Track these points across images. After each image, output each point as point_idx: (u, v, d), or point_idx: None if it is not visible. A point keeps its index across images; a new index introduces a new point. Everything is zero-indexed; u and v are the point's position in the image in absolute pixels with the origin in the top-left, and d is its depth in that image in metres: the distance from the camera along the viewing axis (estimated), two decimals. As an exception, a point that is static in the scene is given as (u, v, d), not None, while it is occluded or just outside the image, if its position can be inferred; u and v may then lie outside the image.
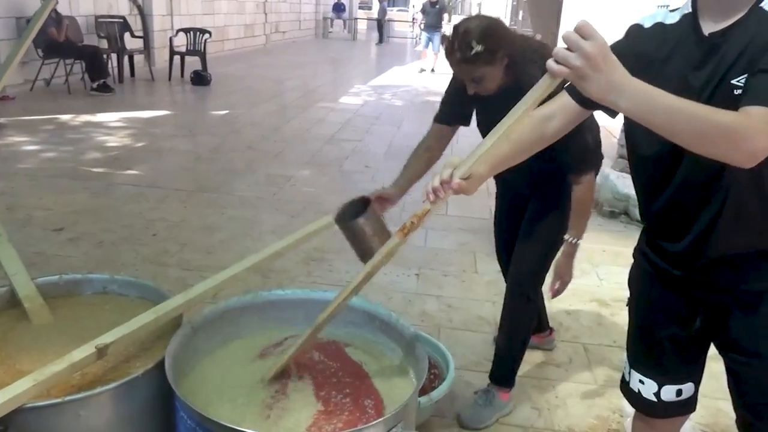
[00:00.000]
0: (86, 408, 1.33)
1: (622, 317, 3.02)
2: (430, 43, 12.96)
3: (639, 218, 5.41)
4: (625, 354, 1.52)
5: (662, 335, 1.39)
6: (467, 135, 2.29)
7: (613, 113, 1.22)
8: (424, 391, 1.89)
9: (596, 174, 2.09)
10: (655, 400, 1.43)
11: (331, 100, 9.23)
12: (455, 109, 2.14)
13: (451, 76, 2.11)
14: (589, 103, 1.24)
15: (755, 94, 1.01)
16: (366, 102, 9.28)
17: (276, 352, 1.64)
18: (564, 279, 2.09)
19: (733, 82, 1.07)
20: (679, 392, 1.42)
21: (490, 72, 1.86)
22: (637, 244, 1.43)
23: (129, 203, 4.29)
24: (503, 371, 2.30)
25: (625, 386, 1.50)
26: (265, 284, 3.10)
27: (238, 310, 1.69)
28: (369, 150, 6.28)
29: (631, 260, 1.47)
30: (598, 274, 3.51)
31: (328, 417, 1.40)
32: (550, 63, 0.99)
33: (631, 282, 1.47)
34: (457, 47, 1.82)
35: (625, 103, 0.99)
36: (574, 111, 1.28)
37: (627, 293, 1.48)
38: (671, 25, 1.20)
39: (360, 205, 1.78)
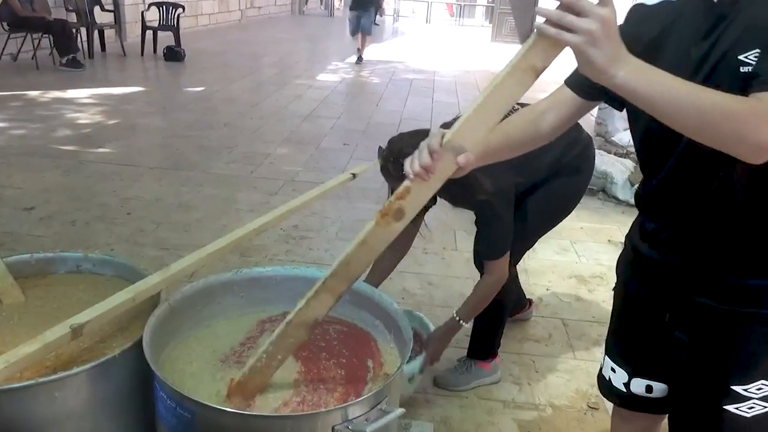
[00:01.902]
0: (62, 389, 1.29)
1: (600, 293, 3.06)
2: (360, 24, 10.11)
3: (616, 195, 5.37)
4: (602, 330, 1.49)
5: (636, 324, 1.34)
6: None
7: (620, 105, 1.15)
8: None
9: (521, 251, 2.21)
10: (624, 390, 1.38)
11: (309, 77, 9.10)
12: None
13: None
14: (594, 95, 1.16)
15: None
16: (343, 79, 9.18)
17: (267, 327, 1.62)
18: (435, 355, 2.11)
19: (740, 57, 0.97)
20: (649, 388, 1.35)
21: None
22: (628, 231, 1.37)
23: (102, 181, 4.19)
24: (479, 346, 2.32)
25: (599, 373, 1.47)
26: (244, 263, 3.06)
27: (217, 288, 1.65)
28: (347, 127, 6.21)
29: (609, 237, 1.45)
30: (576, 251, 3.53)
31: (311, 392, 1.38)
32: (545, 28, 0.87)
33: (617, 267, 1.42)
34: (391, 167, 1.91)
35: (626, 75, 0.88)
36: (573, 105, 1.20)
37: (605, 269, 1.47)
38: None
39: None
